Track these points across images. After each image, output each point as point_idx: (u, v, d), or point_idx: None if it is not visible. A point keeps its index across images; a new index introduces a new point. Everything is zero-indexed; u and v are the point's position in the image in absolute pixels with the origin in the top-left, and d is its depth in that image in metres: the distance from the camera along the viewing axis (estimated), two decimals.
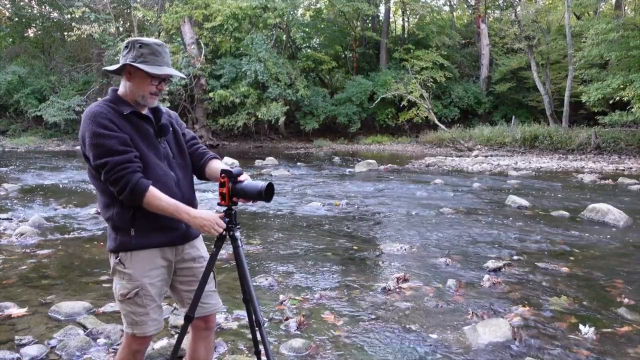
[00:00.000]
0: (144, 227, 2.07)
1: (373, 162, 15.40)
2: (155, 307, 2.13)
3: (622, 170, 14.43)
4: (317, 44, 34.75)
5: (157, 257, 2.12)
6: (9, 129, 27.67)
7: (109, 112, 2.03)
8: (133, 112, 2.09)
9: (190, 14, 24.97)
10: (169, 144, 2.21)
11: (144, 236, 2.07)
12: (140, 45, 2.07)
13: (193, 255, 2.25)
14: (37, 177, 12.53)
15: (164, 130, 2.17)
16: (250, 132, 27.38)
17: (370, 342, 3.27)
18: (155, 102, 2.17)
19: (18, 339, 3.20)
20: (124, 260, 2.09)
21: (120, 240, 2.08)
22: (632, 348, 3.20)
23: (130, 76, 2.11)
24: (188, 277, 2.25)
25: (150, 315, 2.11)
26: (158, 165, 2.10)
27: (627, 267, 5.02)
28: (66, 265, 4.96)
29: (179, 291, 2.27)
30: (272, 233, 6.46)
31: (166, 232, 2.12)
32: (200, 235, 2.33)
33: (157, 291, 2.14)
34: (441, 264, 5.06)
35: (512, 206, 8.38)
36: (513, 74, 27.56)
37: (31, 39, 33.44)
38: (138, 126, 2.09)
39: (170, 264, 2.18)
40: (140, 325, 2.11)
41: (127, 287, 2.08)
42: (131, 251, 2.08)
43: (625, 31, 17.69)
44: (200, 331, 2.34)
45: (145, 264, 2.09)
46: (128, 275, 2.08)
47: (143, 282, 2.08)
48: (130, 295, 2.07)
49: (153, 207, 2.01)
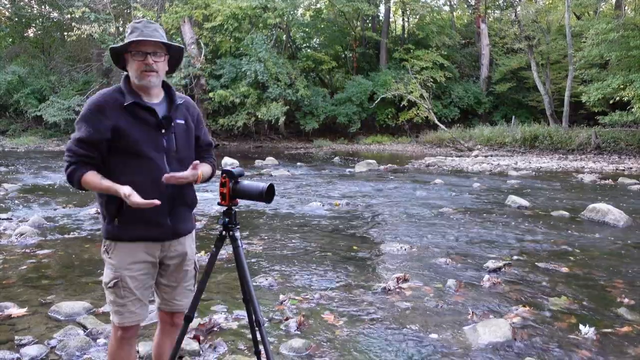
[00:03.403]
0: (128, 219, 2.09)
1: (373, 162, 15.40)
2: (134, 300, 2.14)
3: (622, 170, 14.44)
4: (317, 44, 34.74)
5: (140, 252, 2.13)
6: (9, 129, 27.66)
7: (106, 103, 2.08)
8: (134, 103, 2.09)
9: (190, 14, 24.97)
10: (176, 136, 2.19)
11: (126, 228, 2.10)
12: (126, 30, 2.15)
13: (178, 252, 2.25)
14: (37, 177, 12.53)
15: (165, 123, 2.15)
16: (250, 132, 27.38)
17: (370, 342, 3.27)
18: (152, 79, 2.12)
19: (18, 339, 3.20)
20: (109, 249, 2.14)
21: (106, 228, 2.14)
22: (632, 348, 3.20)
23: (126, 62, 2.16)
24: (167, 273, 2.26)
25: (127, 307, 2.13)
26: (151, 159, 2.09)
27: (627, 267, 5.01)
28: (66, 265, 4.95)
29: (158, 284, 2.29)
30: (272, 233, 6.46)
31: (150, 227, 2.12)
32: (192, 232, 2.33)
33: (138, 284, 2.15)
34: (441, 264, 5.06)
35: (512, 206, 8.38)
36: (513, 74, 27.55)
37: (31, 39, 33.42)
38: (137, 117, 2.10)
39: (154, 259, 2.18)
40: (118, 315, 2.15)
41: (108, 276, 2.15)
42: (116, 242, 2.12)
43: (625, 31, 17.69)
44: (166, 325, 2.38)
45: (127, 256, 2.12)
46: (112, 264, 2.14)
47: (122, 274, 2.11)
48: (110, 284, 2.13)
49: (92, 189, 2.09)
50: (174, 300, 2.30)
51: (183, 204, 2.23)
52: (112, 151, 2.08)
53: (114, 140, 2.06)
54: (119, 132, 2.05)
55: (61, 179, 12.01)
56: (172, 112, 2.19)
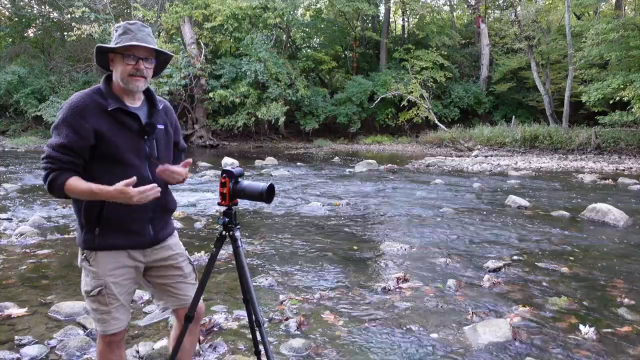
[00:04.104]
0: (108, 228, 2.05)
1: (373, 162, 15.41)
2: (119, 306, 2.10)
3: (622, 170, 14.44)
4: (317, 44, 34.76)
5: (122, 257, 2.10)
6: (9, 129, 27.68)
7: (87, 106, 1.98)
8: (118, 108, 2.03)
9: (190, 14, 24.98)
10: (157, 142, 2.15)
11: (108, 237, 2.06)
12: (116, 30, 2.07)
13: (163, 255, 2.23)
14: (37, 177, 12.51)
15: (149, 129, 2.10)
16: (250, 132, 27.39)
17: (370, 342, 3.27)
18: (140, 85, 2.06)
19: (18, 339, 3.20)
20: (89, 257, 2.09)
21: (85, 238, 2.08)
22: (632, 348, 3.20)
23: (112, 64, 2.08)
24: (162, 273, 2.25)
25: (112, 314, 2.09)
26: (133, 166, 2.04)
27: (627, 267, 5.02)
28: (66, 265, 4.95)
29: (155, 285, 2.27)
30: (272, 233, 6.46)
31: (131, 235, 2.09)
32: (173, 233, 2.31)
33: (121, 290, 2.11)
34: (441, 264, 5.06)
35: (512, 206, 8.38)
36: (513, 74, 27.58)
37: (31, 39, 33.41)
38: (121, 123, 2.04)
39: (137, 264, 2.16)
40: (102, 324, 2.10)
41: (90, 285, 2.08)
42: (96, 250, 2.07)
43: (626, 31, 17.70)
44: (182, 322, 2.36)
45: (109, 263, 2.08)
46: (93, 272, 2.08)
47: (106, 280, 2.07)
48: (94, 293, 2.07)
49: (77, 197, 2.01)
50: (182, 295, 2.28)
51: (165, 211, 2.21)
52: (94, 157, 2.01)
53: (96, 146, 1.99)
54: (102, 137, 1.98)
55: None
56: (154, 117, 2.15)
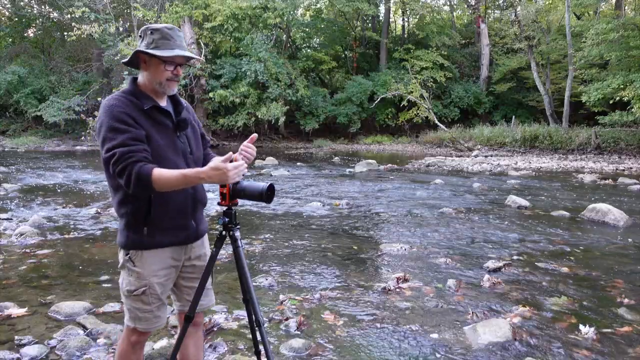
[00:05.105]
0: (157, 226, 2.06)
1: (373, 162, 15.41)
2: (160, 305, 2.14)
3: (622, 170, 14.44)
4: (317, 44, 34.75)
5: (167, 257, 2.12)
6: (9, 129, 27.69)
7: (127, 106, 1.99)
8: (153, 106, 2.05)
9: (190, 14, 24.96)
10: (188, 138, 2.19)
11: (156, 235, 2.06)
12: (151, 32, 2.05)
13: (199, 253, 2.26)
14: (37, 177, 12.52)
15: (183, 124, 2.15)
16: (250, 132, 27.27)
17: (370, 342, 3.27)
18: (174, 89, 2.13)
19: (18, 339, 3.20)
20: (134, 258, 2.07)
21: (132, 238, 2.06)
22: (632, 348, 3.20)
23: (145, 65, 2.08)
24: (190, 274, 2.25)
25: (154, 313, 2.12)
26: (173, 162, 2.06)
27: (627, 267, 5.02)
28: (66, 265, 4.95)
29: (180, 286, 2.27)
30: (272, 233, 6.46)
31: (177, 231, 2.12)
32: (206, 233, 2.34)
33: (164, 290, 2.14)
34: (441, 264, 5.06)
35: (512, 206, 8.38)
36: (513, 74, 27.57)
37: (31, 39, 33.41)
38: (157, 121, 2.06)
39: (178, 263, 2.19)
40: (144, 321, 2.12)
41: (134, 285, 2.08)
42: (143, 250, 2.07)
43: (625, 31, 17.70)
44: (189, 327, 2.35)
45: (155, 263, 2.09)
46: (137, 273, 2.07)
47: (151, 281, 2.08)
48: (137, 292, 2.08)
49: (165, 187, 1.92)
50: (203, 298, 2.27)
51: (202, 204, 2.24)
52: None
53: None
54: (146, 136, 2.00)
55: (61, 179, 12.02)
56: (182, 114, 2.19)
